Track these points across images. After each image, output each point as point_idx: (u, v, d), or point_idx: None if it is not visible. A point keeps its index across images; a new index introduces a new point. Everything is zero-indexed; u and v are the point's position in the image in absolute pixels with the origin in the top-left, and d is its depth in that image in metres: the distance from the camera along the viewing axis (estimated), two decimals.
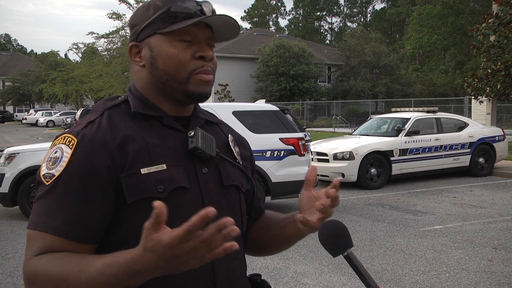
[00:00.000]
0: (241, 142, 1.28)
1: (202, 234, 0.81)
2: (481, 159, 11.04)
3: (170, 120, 1.11)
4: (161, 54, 1.08)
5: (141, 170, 1.02)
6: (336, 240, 1.03)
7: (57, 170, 0.99)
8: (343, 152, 9.44)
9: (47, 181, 0.99)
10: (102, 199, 1.00)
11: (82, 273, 0.89)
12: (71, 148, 1.00)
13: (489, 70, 13.48)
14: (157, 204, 0.79)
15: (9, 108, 56.38)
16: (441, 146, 10.49)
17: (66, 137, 1.03)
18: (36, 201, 1.00)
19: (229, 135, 1.24)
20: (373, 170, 9.56)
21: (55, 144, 1.04)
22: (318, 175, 8.37)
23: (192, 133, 1.09)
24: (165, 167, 1.04)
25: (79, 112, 28.22)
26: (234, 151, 1.20)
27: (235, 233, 0.82)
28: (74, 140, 1.01)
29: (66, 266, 0.91)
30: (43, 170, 1.02)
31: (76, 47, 38.72)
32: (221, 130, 1.24)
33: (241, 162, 1.21)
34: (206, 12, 1.09)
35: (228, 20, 1.09)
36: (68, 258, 0.93)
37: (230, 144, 1.21)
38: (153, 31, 1.08)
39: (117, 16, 28.70)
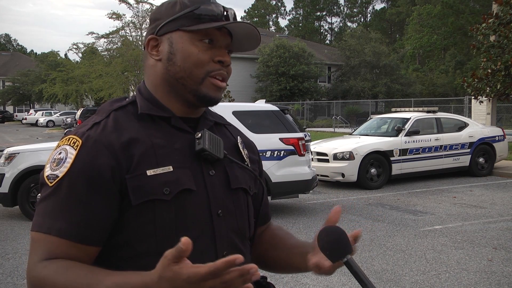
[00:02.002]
0: (250, 146, 1.27)
1: (224, 276, 0.81)
2: (481, 159, 11.05)
3: (178, 121, 1.10)
4: (181, 50, 1.07)
5: (147, 171, 1.01)
6: (336, 246, 1.03)
7: (61, 171, 0.98)
8: (343, 152, 9.44)
9: (51, 182, 0.98)
10: (107, 200, 0.99)
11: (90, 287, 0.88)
12: (75, 149, 1.00)
13: (489, 70, 13.48)
14: (185, 240, 0.79)
15: (9, 108, 56.35)
16: (441, 146, 10.49)
17: (71, 139, 1.02)
18: (40, 203, 0.99)
19: (238, 137, 1.23)
20: (373, 170, 9.56)
21: (60, 146, 1.03)
22: (318, 175, 8.37)
23: (200, 135, 1.08)
24: (171, 169, 1.02)
25: (79, 112, 28.22)
26: (243, 153, 1.19)
27: (256, 278, 0.82)
28: (78, 141, 1.01)
29: (74, 278, 0.90)
30: (47, 172, 1.01)
31: (76, 47, 38.65)
32: (230, 132, 1.23)
33: (249, 165, 1.20)
34: (230, 19, 1.10)
35: (251, 31, 1.11)
36: (77, 270, 0.92)
37: (239, 146, 1.20)
38: (176, 27, 1.08)
39: (117, 16, 28.69)
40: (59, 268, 0.92)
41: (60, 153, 1.01)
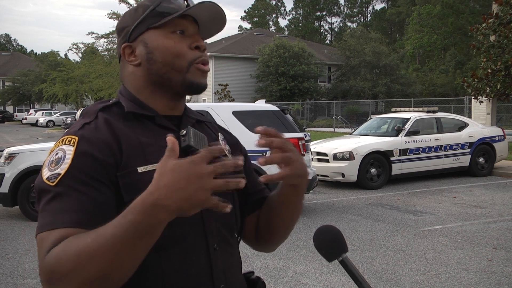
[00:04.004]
0: (231, 140, 1.29)
1: (223, 161, 0.85)
2: (481, 159, 11.05)
3: (162, 120, 1.12)
4: (157, 47, 1.10)
5: (138, 168, 1.02)
6: (331, 245, 1.04)
7: (62, 168, 0.97)
8: (343, 152, 9.44)
9: (53, 182, 0.96)
10: (110, 186, 0.99)
11: (99, 236, 0.85)
12: (73, 146, 1.00)
13: (489, 70, 13.48)
14: (170, 138, 0.84)
15: (9, 108, 56.36)
16: (441, 146, 10.49)
17: (66, 139, 1.03)
18: (45, 206, 0.95)
19: (219, 133, 1.25)
20: (373, 170, 9.56)
21: (54, 149, 1.03)
22: (318, 175, 8.37)
23: (184, 132, 1.09)
24: None
25: (79, 112, 28.20)
26: (225, 149, 1.21)
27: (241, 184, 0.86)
28: (75, 139, 1.01)
29: (83, 237, 0.86)
30: (46, 174, 0.98)
31: (76, 47, 38.81)
32: (211, 129, 1.26)
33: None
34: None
35: (215, 12, 1.13)
36: (83, 234, 0.88)
37: (221, 142, 1.22)
38: (145, 27, 1.11)
39: (117, 16, 28.76)
40: (67, 241, 0.87)
41: (57, 154, 1.01)
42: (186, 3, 1.12)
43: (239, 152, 1.29)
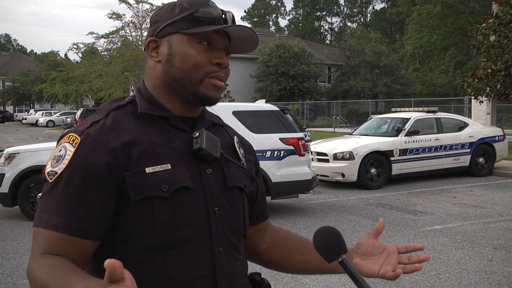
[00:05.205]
0: (246, 146, 1.29)
1: None
2: (481, 159, 11.05)
3: (176, 121, 1.12)
4: (180, 52, 1.09)
5: (146, 169, 1.03)
6: (331, 246, 1.05)
7: (59, 168, 1.01)
8: (343, 152, 9.44)
9: (51, 179, 1.01)
10: (103, 195, 1.01)
11: None
12: (74, 147, 1.02)
13: (489, 70, 13.48)
14: (107, 263, 0.73)
15: (9, 108, 56.34)
16: (441, 146, 10.49)
17: (71, 136, 1.05)
18: (41, 199, 1.02)
19: (235, 136, 1.25)
20: (373, 170, 9.56)
21: (60, 143, 1.06)
22: (318, 175, 8.37)
23: (197, 134, 1.10)
24: (169, 167, 1.05)
25: (79, 112, 28.19)
26: (239, 153, 1.22)
27: None
28: (77, 139, 1.03)
29: (51, 279, 0.89)
30: (48, 168, 1.04)
31: (76, 47, 38.62)
32: (227, 132, 1.26)
33: (245, 164, 1.22)
34: (228, 21, 1.12)
35: (249, 34, 1.13)
36: (56, 270, 0.91)
37: (236, 145, 1.22)
38: (175, 30, 1.10)
39: (117, 16, 28.74)
40: (44, 265, 0.93)
41: (60, 151, 1.04)
42: (223, 16, 1.11)
43: (254, 160, 1.29)
